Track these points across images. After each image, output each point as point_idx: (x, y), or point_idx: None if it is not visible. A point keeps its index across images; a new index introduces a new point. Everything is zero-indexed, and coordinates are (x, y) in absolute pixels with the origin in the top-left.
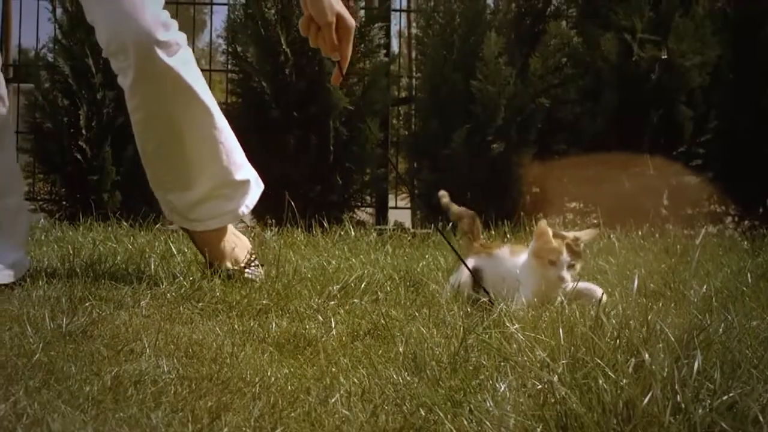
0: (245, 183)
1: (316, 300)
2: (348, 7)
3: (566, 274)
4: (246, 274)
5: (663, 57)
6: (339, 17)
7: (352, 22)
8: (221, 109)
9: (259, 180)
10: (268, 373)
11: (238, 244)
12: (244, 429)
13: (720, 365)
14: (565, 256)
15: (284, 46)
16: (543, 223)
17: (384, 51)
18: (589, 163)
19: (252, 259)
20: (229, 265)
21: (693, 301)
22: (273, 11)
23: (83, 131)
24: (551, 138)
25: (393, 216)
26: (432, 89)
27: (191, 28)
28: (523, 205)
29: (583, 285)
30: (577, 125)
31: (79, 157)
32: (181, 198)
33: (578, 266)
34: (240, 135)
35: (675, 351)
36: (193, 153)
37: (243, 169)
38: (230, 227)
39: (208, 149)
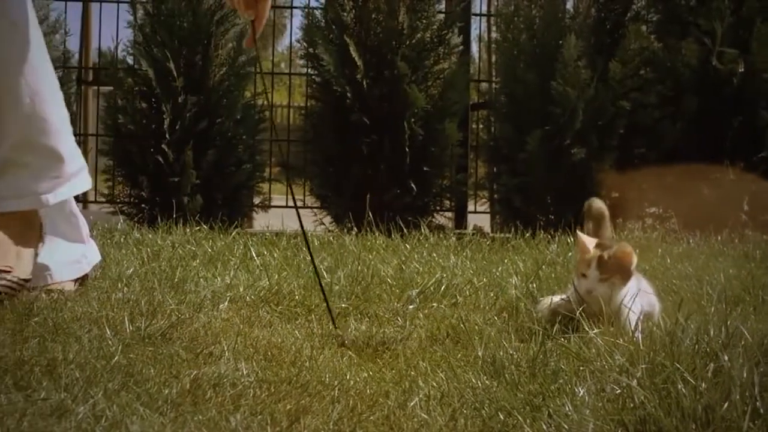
0: (59, 160)
1: (395, 303)
2: None
3: (594, 287)
4: None
5: (740, 71)
6: None
7: None
8: (301, 113)
9: (87, 176)
10: (347, 377)
11: (10, 252)
12: None
13: None
14: (593, 269)
15: (360, 50)
16: (579, 234)
17: (462, 53)
18: (669, 172)
19: (5, 274)
20: None
21: None
22: (351, 15)
23: (166, 135)
24: (631, 142)
25: (472, 220)
26: (511, 93)
27: (271, 32)
28: None
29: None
30: (656, 130)
31: (160, 159)
32: None
33: (616, 281)
34: (319, 138)
35: (754, 356)
36: None
37: (64, 143)
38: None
39: (4, 76)
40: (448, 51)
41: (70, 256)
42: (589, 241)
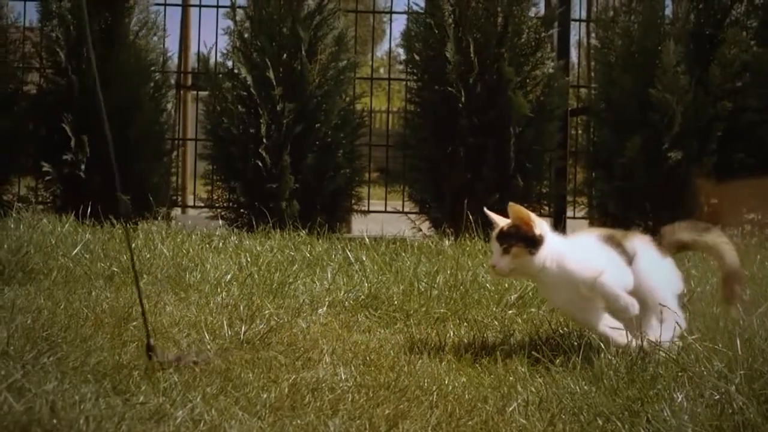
0: None
1: (494, 308)
2: None
3: (497, 260)
4: None
5: None
6: None
7: None
8: (401, 118)
9: None
10: (446, 382)
11: None
12: None
13: None
14: (495, 242)
15: (470, 54)
16: (488, 213)
17: (559, 57)
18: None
19: None
20: None
21: None
22: (450, 19)
23: (264, 140)
24: (729, 147)
25: (571, 226)
26: (609, 98)
27: (370, 37)
28: (700, 216)
29: None
30: (756, 136)
31: (260, 164)
32: None
33: (519, 250)
34: (420, 143)
35: None
36: None
37: None
38: None
39: None
40: (546, 55)
41: None
42: (499, 219)
